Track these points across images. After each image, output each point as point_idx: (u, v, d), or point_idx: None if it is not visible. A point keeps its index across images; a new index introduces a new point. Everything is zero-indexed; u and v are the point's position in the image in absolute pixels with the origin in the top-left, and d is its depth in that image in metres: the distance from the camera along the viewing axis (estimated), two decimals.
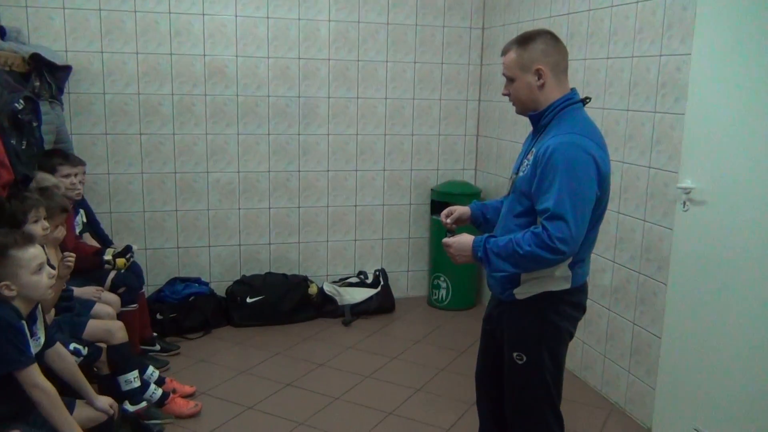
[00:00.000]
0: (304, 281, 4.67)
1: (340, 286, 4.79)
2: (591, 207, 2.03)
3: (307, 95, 4.64)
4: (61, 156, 3.42)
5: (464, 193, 4.74)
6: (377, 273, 4.88)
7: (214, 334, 4.33)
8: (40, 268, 2.21)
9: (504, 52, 2.18)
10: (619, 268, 3.40)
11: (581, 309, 2.28)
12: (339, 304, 4.67)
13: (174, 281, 4.47)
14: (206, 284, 4.54)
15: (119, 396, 2.97)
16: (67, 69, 3.99)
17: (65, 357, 2.43)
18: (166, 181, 4.47)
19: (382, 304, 4.74)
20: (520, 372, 2.22)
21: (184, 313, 4.27)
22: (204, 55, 4.39)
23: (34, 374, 2.10)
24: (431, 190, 4.89)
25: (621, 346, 3.40)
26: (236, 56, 4.45)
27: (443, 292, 4.87)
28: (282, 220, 4.77)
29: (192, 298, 4.33)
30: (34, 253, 2.21)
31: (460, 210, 2.42)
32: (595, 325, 3.61)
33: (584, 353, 3.71)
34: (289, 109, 4.62)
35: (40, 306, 2.29)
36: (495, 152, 4.80)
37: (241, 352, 4.06)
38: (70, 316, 2.96)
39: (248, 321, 4.44)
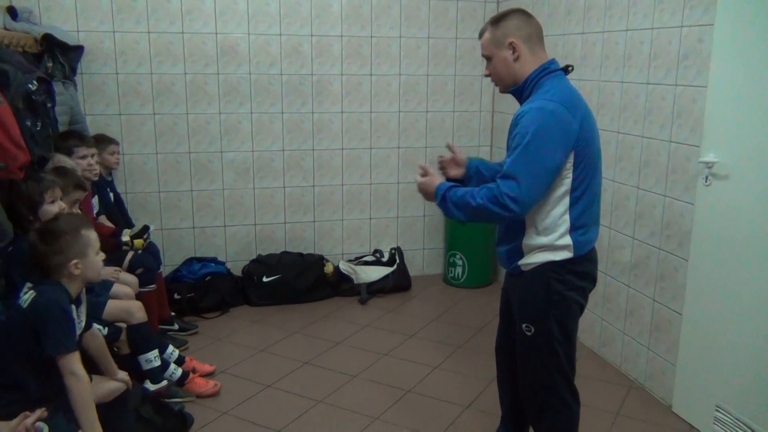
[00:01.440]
0: (319, 260, 4.66)
1: (356, 264, 4.79)
2: (549, 172, 2.07)
3: (320, 73, 4.60)
4: (77, 137, 3.42)
5: None
6: (393, 251, 4.86)
7: (231, 313, 4.34)
8: (98, 251, 2.27)
9: (480, 35, 2.26)
10: (638, 244, 3.36)
11: (590, 279, 2.28)
12: (355, 282, 4.67)
13: (190, 261, 4.49)
14: (222, 264, 4.55)
15: (140, 375, 2.99)
16: (79, 49, 3.97)
17: (98, 336, 2.49)
18: (181, 160, 4.47)
19: (398, 283, 4.74)
20: (530, 343, 2.26)
21: (201, 292, 4.28)
22: (216, 34, 4.35)
23: (73, 361, 2.11)
24: None
25: (641, 323, 3.37)
26: (248, 34, 4.41)
27: (459, 269, 4.85)
28: (297, 199, 4.76)
29: (209, 277, 4.35)
30: (95, 235, 2.28)
31: (458, 158, 2.51)
32: (614, 302, 3.58)
33: (603, 330, 3.69)
34: (303, 87, 4.58)
35: (84, 290, 2.32)
36: None
37: (258, 331, 4.08)
38: (89, 296, 2.96)
39: (265, 300, 4.46)
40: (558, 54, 4.01)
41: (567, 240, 2.16)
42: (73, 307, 2.20)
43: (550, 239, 2.16)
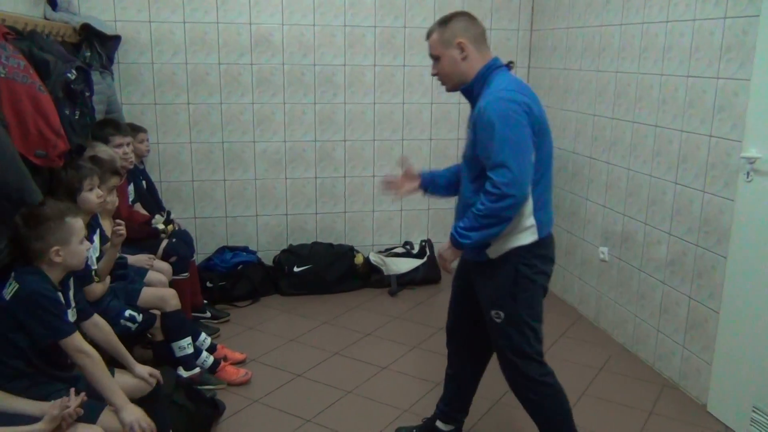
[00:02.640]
0: (350, 251, 4.67)
1: (386, 256, 4.78)
2: (530, 151, 2.16)
3: (353, 63, 4.59)
4: (113, 126, 3.46)
5: None
6: (423, 243, 4.85)
7: (262, 302, 4.38)
8: (83, 239, 2.24)
9: (428, 36, 2.35)
10: (675, 240, 3.29)
11: (551, 262, 2.39)
12: (385, 274, 4.67)
13: (223, 250, 4.53)
14: (254, 253, 4.59)
15: (173, 362, 3.04)
16: (116, 39, 4.02)
17: (102, 326, 2.41)
18: (214, 150, 4.50)
19: (428, 275, 4.72)
20: (500, 329, 2.35)
21: (233, 281, 4.32)
22: (250, 24, 4.36)
23: (77, 340, 2.12)
24: None
25: (676, 321, 3.31)
26: (282, 24, 4.41)
27: None
28: (328, 189, 4.77)
29: (240, 266, 4.39)
30: (81, 223, 2.26)
31: (411, 172, 2.61)
32: (648, 299, 3.52)
33: (636, 327, 3.63)
34: (335, 77, 4.58)
35: (72, 277, 2.30)
36: None
37: (288, 321, 4.11)
38: (124, 283, 3.01)
39: (295, 290, 4.48)
40: (594, 46, 3.95)
41: (531, 221, 2.25)
42: (60, 293, 2.17)
43: (515, 222, 2.22)
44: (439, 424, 2.80)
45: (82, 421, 2.00)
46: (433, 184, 2.60)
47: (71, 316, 2.22)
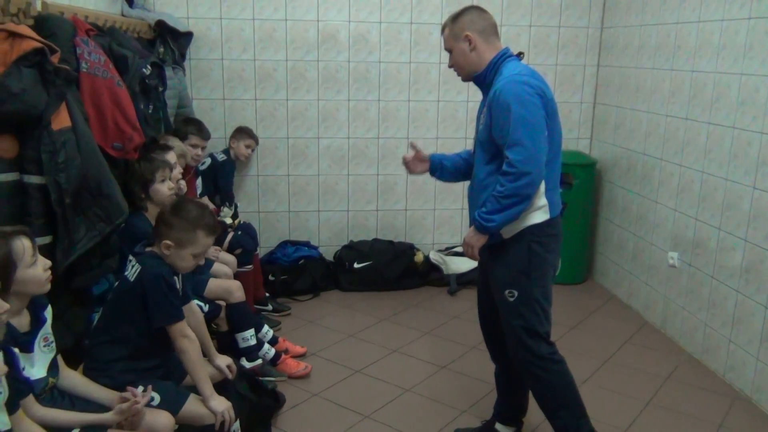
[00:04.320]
0: (410, 249, 4.67)
1: (446, 255, 4.76)
2: (544, 130, 2.24)
3: (418, 61, 4.58)
4: (195, 125, 3.59)
5: (578, 163, 4.55)
6: None
7: (323, 297, 4.42)
8: (200, 255, 2.32)
9: (442, 30, 2.49)
10: (751, 247, 3.15)
11: (559, 240, 2.46)
12: (444, 273, 4.64)
13: (285, 244, 4.60)
14: (315, 248, 4.64)
15: (236, 353, 3.09)
16: (188, 35, 4.13)
17: (196, 312, 2.56)
18: (279, 146, 4.57)
19: None
20: (513, 309, 2.41)
21: (294, 275, 4.38)
22: (317, 21, 4.41)
23: (184, 326, 2.25)
24: None
25: (750, 331, 3.17)
26: (348, 21, 4.44)
27: None
28: (390, 187, 4.77)
29: (302, 261, 4.44)
30: (209, 243, 2.34)
31: (421, 155, 2.72)
32: (720, 307, 3.39)
33: (706, 336, 3.50)
34: (400, 75, 4.58)
35: None
36: (614, 121, 4.56)
37: (348, 316, 4.13)
38: (192, 274, 3.08)
39: (355, 286, 4.51)
40: (669, 44, 3.82)
41: (543, 200, 2.32)
42: (176, 278, 2.29)
43: (530, 202, 2.27)
44: (498, 426, 2.77)
45: (165, 409, 2.10)
46: (441, 168, 2.71)
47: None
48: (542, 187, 2.30)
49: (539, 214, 2.34)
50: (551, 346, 2.45)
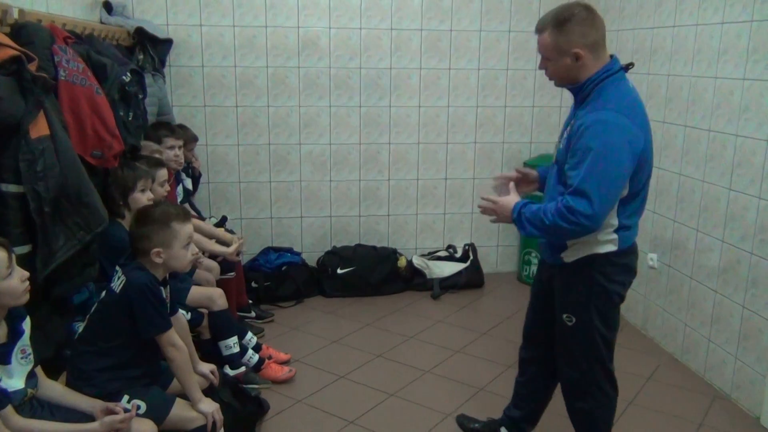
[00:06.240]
0: (393, 254, 4.68)
1: (429, 259, 4.78)
2: (620, 186, 2.07)
3: (399, 66, 4.60)
4: (166, 128, 3.55)
5: None
6: (467, 247, 4.83)
7: (306, 303, 4.42)
8: (188, 244, 2.33)
9: (539, 31, 2.15)
10: (728, 247, 3.20)
11: (631, 272, 2.31)
12: (428, 277, 4.66)
13: (267, 251, 4.58)
14: (298, 254, 4.63)
15: (220, 361, 3.07)
16: (168, 42, 4.11)
17: (182, 321, 2.57)
18: (261, 152, 4.56)
19: (471, 279, 4.70)
20: (570, 333, 2.31)
21: (277, 281, 4.37)
22: (298, 27, 4.41)
23: (171, 335, 2.25)
24: (524, 163, 4.77)
25: (728, 331, 3.22)
26: (329, 27, 4.45)
27: (534, 268, 4.76)
28: (372, 192, 4.78)
29: (285, 267, 4.43)
30: (189, 229, 2.35)
31: (530, 176, 2.52)
32: (699, 308, 3.43)
33: (686, 336, 3.55)
34: (381, 80, 4.60)
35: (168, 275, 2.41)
36: None
37: (332, 322, 4.13)
38: (174, 282, 3.07)
39: (338, 291, 4.51)
40: (646, 48, 3.87)
41: (611, 235, 2.18)
42: (162, 288, 2.29)
43: (595, 235, 2.15)
44: (503, 430, 2.75)
45: (152, 415, 2.11)
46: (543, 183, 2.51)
47: None
48: (613, 226, 2.15)
49: (605, 245, 2.18)
50: (608, 374, 2.36)
